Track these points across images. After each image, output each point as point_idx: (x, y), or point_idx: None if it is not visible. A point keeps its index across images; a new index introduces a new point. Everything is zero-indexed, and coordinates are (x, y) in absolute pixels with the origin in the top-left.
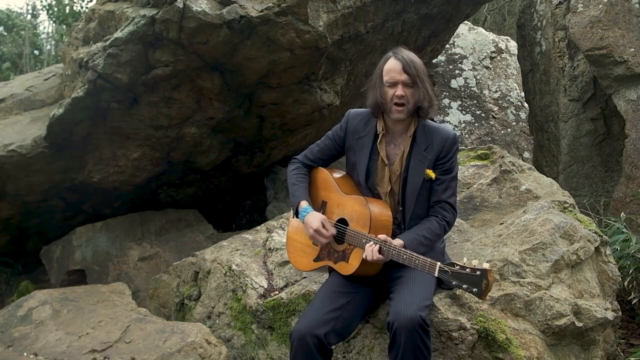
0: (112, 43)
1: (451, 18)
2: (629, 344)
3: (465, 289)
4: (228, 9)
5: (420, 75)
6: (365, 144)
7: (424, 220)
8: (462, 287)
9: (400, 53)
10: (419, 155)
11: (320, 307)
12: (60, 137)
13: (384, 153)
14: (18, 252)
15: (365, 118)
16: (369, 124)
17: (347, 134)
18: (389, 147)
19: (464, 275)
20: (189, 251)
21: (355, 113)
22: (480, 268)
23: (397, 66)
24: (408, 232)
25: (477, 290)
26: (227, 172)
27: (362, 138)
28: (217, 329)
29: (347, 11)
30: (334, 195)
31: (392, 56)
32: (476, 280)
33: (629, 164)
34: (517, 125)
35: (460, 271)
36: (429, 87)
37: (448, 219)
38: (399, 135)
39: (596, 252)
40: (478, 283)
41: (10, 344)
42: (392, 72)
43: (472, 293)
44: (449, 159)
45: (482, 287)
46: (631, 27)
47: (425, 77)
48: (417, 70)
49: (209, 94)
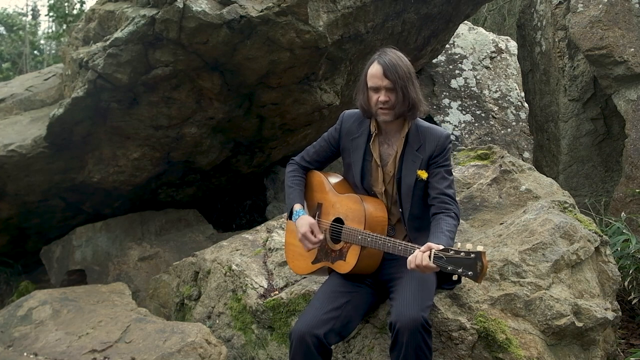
0: (112, 43)
1: (451, 18)
2: (629, 344)
3: (461, 273)
4: (228, 9)
5: (402, 79)
6: (360, 145)
7: (434, 220)
8: (457, 271)
9: (384, 57)
10: (412, 156)
11: (320, 306)
12: (60, 137)
13: (377, 154)
14: (18, 252)
15: (359, 119)
16: (363, 125)
17: (342, 135)
18: (382, 147)
19: (459, 259)
20: (189, 251)
21: (350, 114)
22: (474, 251)
23: (379, 72)
24: (436, 236)
25: (472, 273)
26: (227, 172)
27: (356, 139)
28: (217, 329)
29: (347, 11)
30: (328, 196)
31: (376, 60)
32: (471, 263)
33: (629, 164)
34: (517, 125)
35: (454, 256)
36: (412, 89)
37: (453, 210)
38: (392, 135)
39: (596, 252)
40: (473, 266)
41: (10, 344)
42: (374, 77)
43: (468, 277)
44: (443, 156)
45: (477, 270)
46: (631, 27)
47: (409, 80)
48: (399, 74)
49: (209, 94)
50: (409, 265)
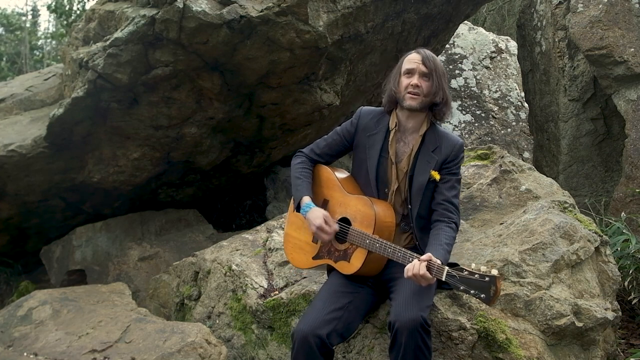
0: (112, 43)
1: (451, 18)
2: (629, 344)
3: (473, 294)
4: (228, 9)
5: (438, 71)
6: (377, 141)
7: (434, 228)
8: (470, 292)
9: (423, 49)
10: (427, 156)
11: (322, 307)
12: (60, 137)
13: (393, 150)
14: (18, 252)
15: (378, 116)
16: (381, 122)
17: (358, 130)
18: (399, 144)
19: (473, 280)
20: (189, 251)
21: (367, 110)
22: (489, 274)
23: (417, 58)
24: (435, 248)
25: (485, 296)
26: (227, 172)
27: (374, 135)
28: (217, 329)
29: (347, 11)
30: (337, 194)
31: (414, 51)
32: (485, 286)
33: (629, 164)
34: (517, 125)
35: (468, 276)
36: (446, 86)
37: (455, 220)
38: (410, 133)
39: (596, 252)
40: (486, 289)
41: (10, 344)
42: (411, 62)
43: (480, 299)
44: (455, 163)
45: (490, 294)
46: (631, 27)
47: (443, 76)
48: (436, 66)
49: (209, 94)
50: (406, 273)
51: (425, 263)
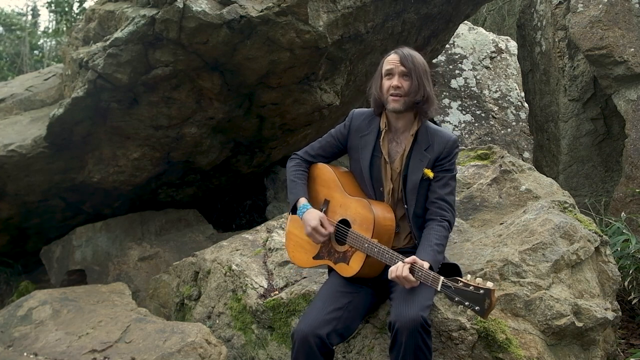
0: (112, 43)
1: (451, 18)
2: (629, 344)
3: (467, 305)
4: (228, 9)
5: (417, 69)
6: (369, 142)
7: (426, 228)
8: (464, 303)
9: (401, 49)
10: (419, 155)
11: (322, 307)
12: (60, 137)
13: (386, 150)
14: (18, 252)
15: (369, 117)
16: (373, 123)
17: (351, 132)
18: (391, 144)
19: (467, 292)
20: (189, 251)
21: (359, 112)
22: (484, 287)
23: (395, 58)
24: (424, 249)
25: (479, 309)
26: (227, 172)
27: (366, 136)
28: (217, 329)
29: (347, 11)
30: (337, 195)
31: (393, 52)
32: (479, 298)
33: (629, 164)
34: (517, 125)
35: (463, 288)
36: (427, 84)
37: (448, 218)
38: (401, 133)
39: (596, 252)
40: (481, 301)
41: (10, 344)
42: (389, 63)
43: (474, 311)
44: (449, 160)
45: (484, 306)
46: (631, 27)
47: (424, 74)
48: (415, 64)
49: (209, 94)
50: (390, 275)
51: (408, 266)
